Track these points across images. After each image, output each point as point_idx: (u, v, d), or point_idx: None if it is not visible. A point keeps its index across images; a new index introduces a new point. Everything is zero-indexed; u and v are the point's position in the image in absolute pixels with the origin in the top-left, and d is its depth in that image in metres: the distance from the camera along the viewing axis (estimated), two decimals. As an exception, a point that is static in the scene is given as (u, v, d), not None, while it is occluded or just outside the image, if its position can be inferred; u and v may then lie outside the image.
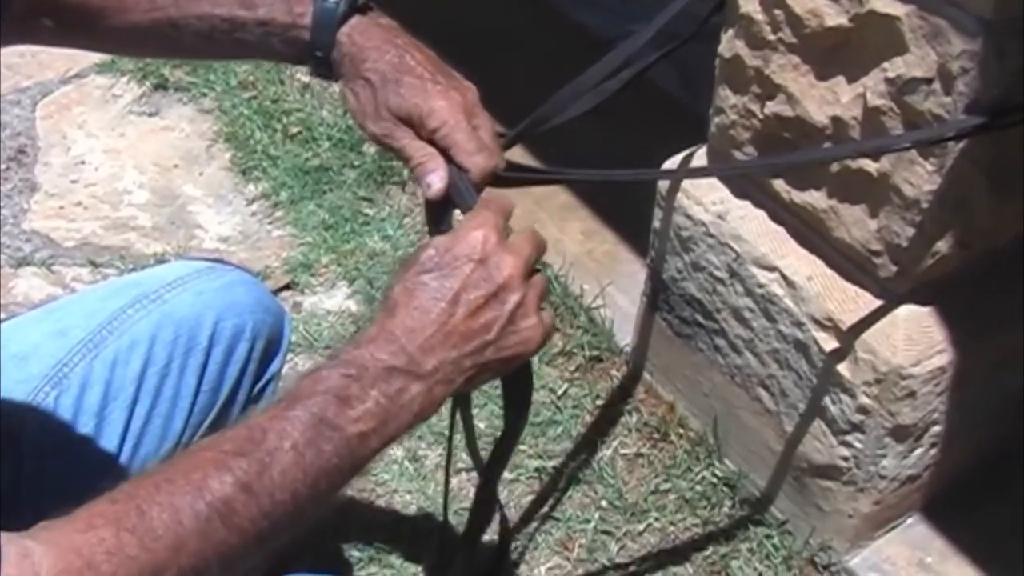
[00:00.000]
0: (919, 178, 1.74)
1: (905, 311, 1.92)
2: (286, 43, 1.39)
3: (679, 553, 2.25)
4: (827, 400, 2.01)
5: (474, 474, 2.33)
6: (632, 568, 2.24)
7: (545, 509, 2.31)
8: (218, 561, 1.00)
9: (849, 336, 1.93)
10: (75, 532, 0.94)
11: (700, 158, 2.15)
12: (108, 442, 1.49)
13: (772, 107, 1.92)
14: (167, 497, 0.98)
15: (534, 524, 2.28)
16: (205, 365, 1.56)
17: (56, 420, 1.47)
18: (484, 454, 1.58)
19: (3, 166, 3.05)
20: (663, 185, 2.21)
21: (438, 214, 1.36)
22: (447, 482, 1.74)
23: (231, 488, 1.00)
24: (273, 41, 1.39)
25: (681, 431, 2.39)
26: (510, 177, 1.41)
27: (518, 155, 2.83)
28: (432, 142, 1.33)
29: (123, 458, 1.51)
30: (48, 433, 1.47)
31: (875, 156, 1.78)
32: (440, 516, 2.26)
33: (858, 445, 2.00)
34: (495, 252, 1.19)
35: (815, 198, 1.93)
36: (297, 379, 1.11)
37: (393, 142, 1.36)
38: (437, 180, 1.32)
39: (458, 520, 2.17)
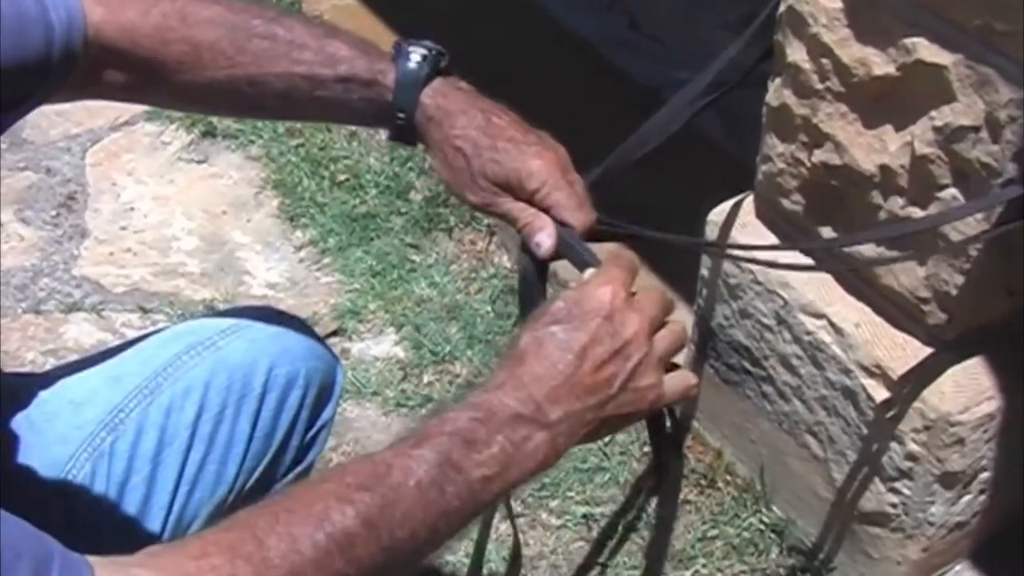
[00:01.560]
0: (967, 225, 1.74)
1: (954, 358, 1.92)
2: (367, 102, 1.39)
3: (726, 600, 2.25)
4: (875, 447, 2.01)
5: (520, 520, 2.34)
6: (679, 614, 2.25)
7: (593, 556, 2.31)
8: None
9: (897, 383, 1.93)
10: (187, 559, 0.95)
11: (746, 206, 2.16)
12: (163, 487, 1.50)
13: (820, 155, 1.93)
14: (286, 527, 0.99)
15: (582, 571, 2.28)
16: (259, 412, 1.57)
17: (112, 466, 1.48)
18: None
19: (53, 212, 3.08)
20: (711, 233, 2.22)
21: (540, 272, 1.39)
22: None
23: (352, 521, 1.01)
24: (354, 100, 1.39)
25: (728, 478, 2.39)
26: (605, 231, 1.43)
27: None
28: (532, 202, 1.36)
29: (177, 503, 1.52)
30: (103, 479, 1.48)
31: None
32: (488, 562, 2.27)
33: (907, 492, 1.99)
34: (622, 309, 1.20)
35: (863, 246, 1.93)
36: (423, 419, 1.12)
37: (496, 208, 1.38)
38: (546, 238, 1.35)
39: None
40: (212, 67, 1.38)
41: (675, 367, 1.28)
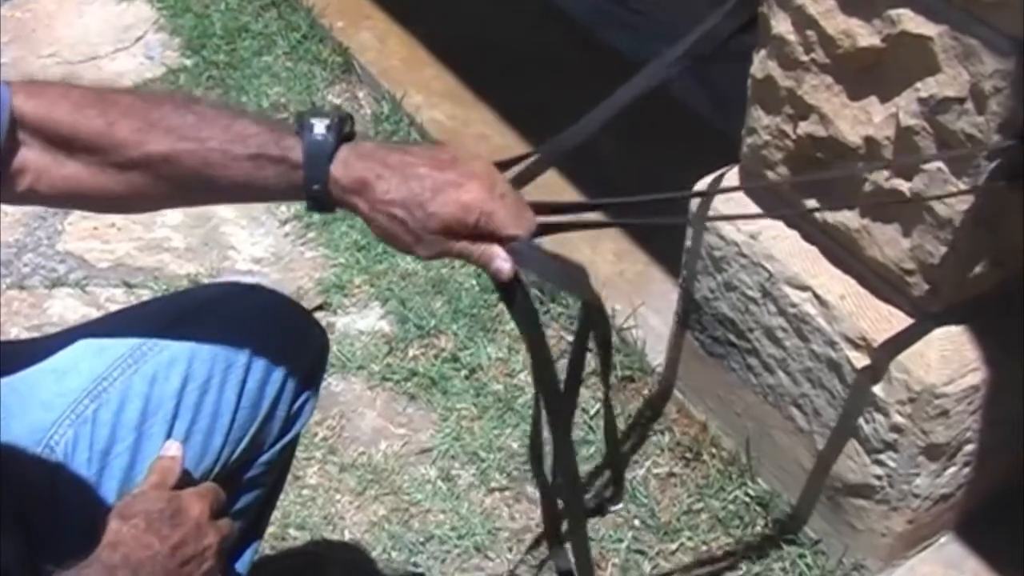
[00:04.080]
0: (952, 197, 1.74)
1: (938, 330, 1.92)
2: (279, 178, 1.39)
3: (712, 572, 2.26)
4: (860, 419, 2.01)
5: (506, 492, 2.35)
6: (665, 587, 2.25)
7: (578, 528, 2.32)
8: None
9: (882, 355, 1.94)
10: None
11: (731, 178, 2.16)
12: (148, 456, 1.49)
13: (805, 127, 1.93)
14: None
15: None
16: (244, 382, 1.57)
17: (95, 433, 1.48)
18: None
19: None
20: (695, 205, 2.22)
21: (507, 290, 1.43)
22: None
23: None
24: (267, 177, 1.39)
25: (714, 450, 2.40)
26: (551, 223, 1.48)
27: (550, 176, 2.85)
28: (476, 232, 1.38)
29: (164, 473, 1.52)
30: (86, 446, 1.48)
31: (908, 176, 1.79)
32: (474, 535, 2.28)
33: (891, 464, 2.00)
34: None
35: (848, 217, 1.94)
36: None
37: (447, 254, 1.40)
38: (503, 263, 1.39)
39: (491, 537, 2.19)
40: (127, 144, 1.38)
41: None
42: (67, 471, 1.48)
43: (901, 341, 1.93)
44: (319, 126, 1.37)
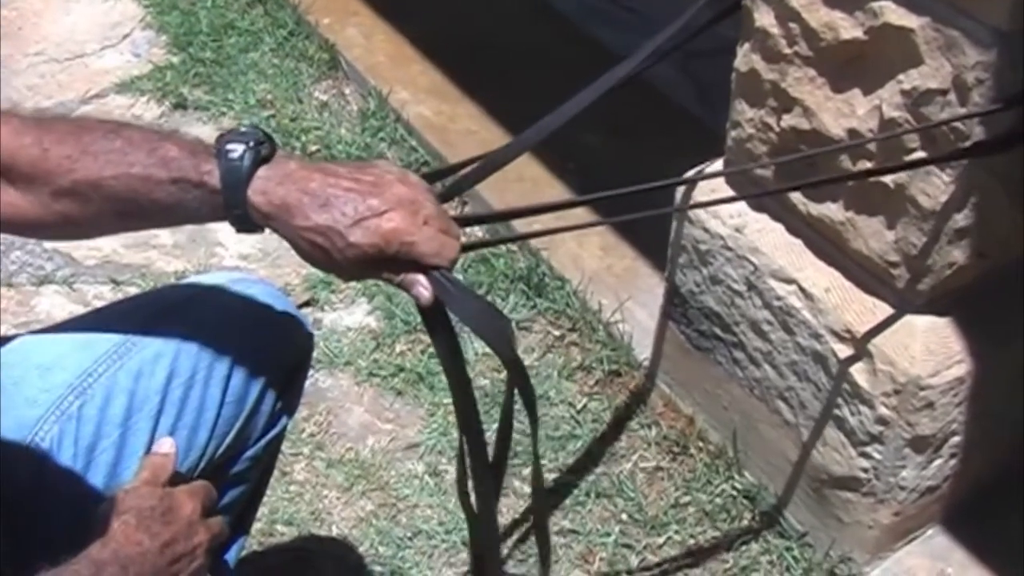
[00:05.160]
0: (936, 189, 1.75)
1: (923, 322, 1.93)
2: (201, 202, 1.39)
3: (699, 566, 2.26)
4: (846, 411, 2.01)
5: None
6: (652, 581, 2.26)
7: (566, 523, 2.32)
8: None
9: (867, 347, 1.94)
10: None
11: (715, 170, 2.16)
12: (133, 452, 1.50)
13: (788, 120, 1.93)
14: None
15: (555, 538, 2.29)
16: (229, 377, 1.57)
17: (80, 429, 1.48)
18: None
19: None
20: (679, 197, 2.22)
21: (432, 313, 1.43)
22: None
23: None
24: (189, 200, 1.39)
25: (700, 444, 2.40)
26: (473, 244, 1.54)
27: (533, 171, 2.85)
28: (398, 260, 1.37)
29: (149, 469, 1.52)
30: (71, 442, 1.48)
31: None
32: (461, 530, 2.27)
33: (877, 456, 2.00)
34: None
35: (832, 210, 1.94)
36: None
37: (370, 278, 1.42)
38: (422, 291, 1.39)
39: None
40: (58, 171, 1.38)
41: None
42: (52, 468, 1.48)
43: (886, 333, 1.93)
44: (236, 151, 1.36)
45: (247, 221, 1.38)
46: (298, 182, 1.37)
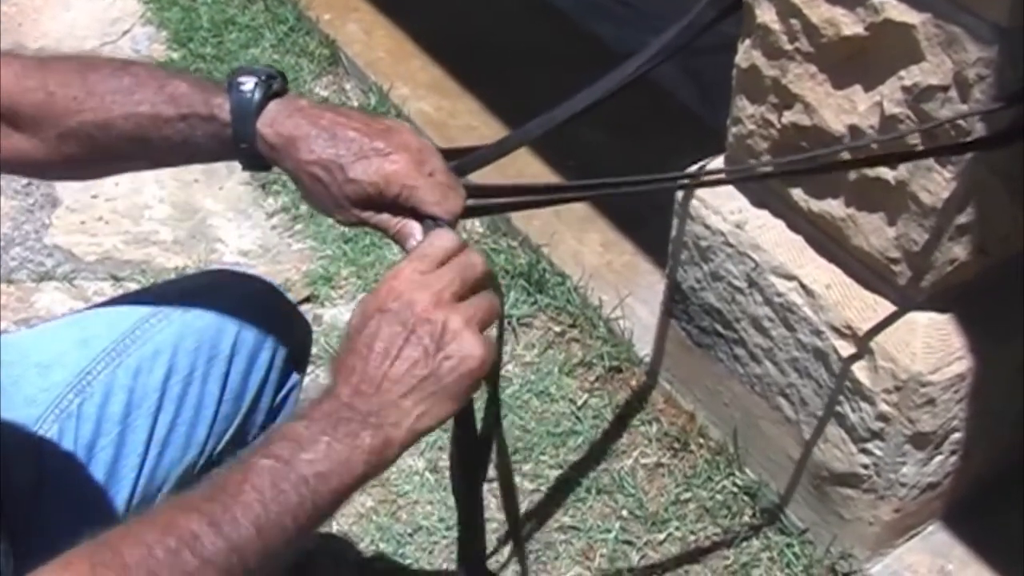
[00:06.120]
0: (937, 185, 1.74)
1: (924, 318, 1.92)
2: (210, 137, 1.38)
3: (700, 562, 2.26)
4: (847, 408, 2.01)
5: (494, 483, 2.35)
6: (653, 577, 2.25)
7: (566, 519, 2.32)
8: None
9: (868, 344, 1.94)
10: (51, 571, 0.98)
11: (716, 166, 2.15)
12: (132, 449, 1.50)
13: (789, 116, 1.93)
14: (138, 536, 1.01)
15: (555, 534, 2.29)
16: (227, 374, 1.57)
17: (79, 427, 1.48)
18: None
19: (25, 181, 3.06)
20: (681, 194, 2.22)
21: None
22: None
23: (197, 523, 1.03)
24: (198, 136, 1.38)
25: (701, 440, 2.40)
26: (479, 207, 1.47)
27: (535, 168, 2.85)
28: (397, 206, 1.35)
29: (147, 466, 1.52)
30: (71, 441, 1.48)
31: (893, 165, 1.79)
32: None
33: (878, 453, 2.00)
34: (399, 297, 1.20)
35: (833, 207, 1.94)
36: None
37: (363, 223, 1.38)
38: (414, 243, 1.35)
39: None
40: (65, 113, 1.38)
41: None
42: (52, 466, 1.48)
43: (887, 330, 1.93)
44: (246, 84, 1.36)
45: (255, 156, 1.38)
46: (308, 116, 1.36)
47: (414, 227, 1.35)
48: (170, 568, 1.00)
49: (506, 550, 2.25)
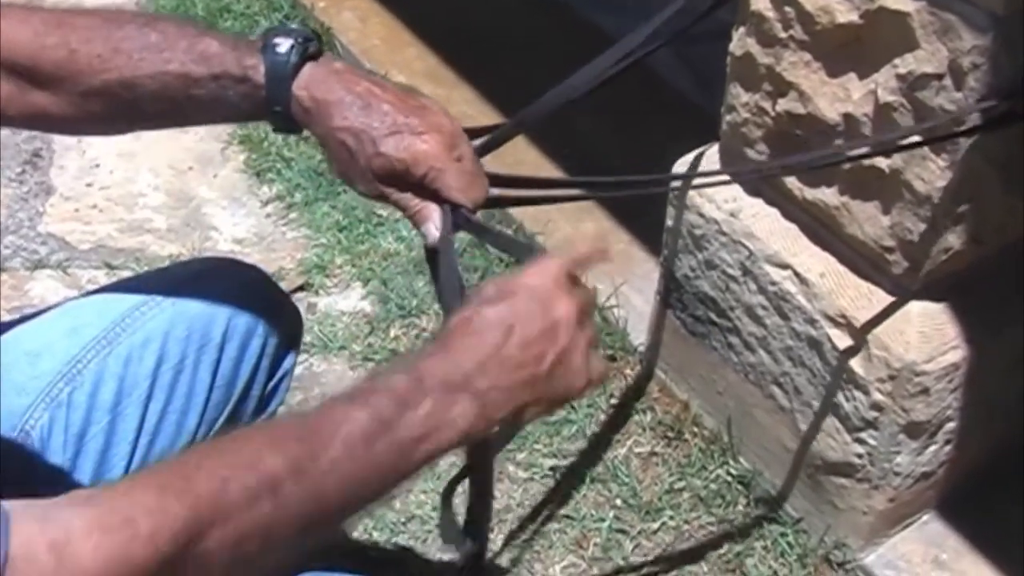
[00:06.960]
0: (931, 174, 1.74)
1: (918, 307, 1.92)
2: (243, 98, 1.36)
3: (694, 551, 2.25)
4: (841, 397, 2.01)
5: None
6: (647, 567, 2.25)
7: (560, 508, 2.31)
8: (260, 539, 0.99)
9: (862, 333, 1.93)
10: (117, 495, 0.94)
11: (711, 157, 2.15)
12: (123, 438, 1.49)
13: (784, 104, 1.92)
14: (215, 469, 0.98)
15: (549, 523, 2.29)
16: (218, 361, 1.56)
17: (70, 416, 1.48)
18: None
19: (19, 169, 3.06)
20: (676, 183, 2.21)
21: (432, 255, 1.40)
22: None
23: (281, 467, 1.00)
24: (230, 97, 1.36)
25: (695, 429, 2.40)
26: (502, 198, 1.45)
27: (532, 155, 2.84)
28: (422, 186, 1.35)
29: (138, 454, 1.52)
30: (61, 429, 1.47)
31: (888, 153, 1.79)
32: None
33: (872, 442, 2.00)
34: (553, 291, 1.19)
35: (827, 195, 1.93)
36: (356, 381, 1.11)
37: (385, 198, 1.37)
38: (432, 229, 1.35)
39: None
40: (88, 71, 1.35)
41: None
42: (43, 455, 1.47)
43: (881, 319, 1.92)
44: (283, 45, 1.34)
45: (287, 119, 1.37)
46: (344, 82, 1.35)
47: (433, 211, 1.35)
48: (242, 510, 0.97)
49: (499, 540, 2.25)
